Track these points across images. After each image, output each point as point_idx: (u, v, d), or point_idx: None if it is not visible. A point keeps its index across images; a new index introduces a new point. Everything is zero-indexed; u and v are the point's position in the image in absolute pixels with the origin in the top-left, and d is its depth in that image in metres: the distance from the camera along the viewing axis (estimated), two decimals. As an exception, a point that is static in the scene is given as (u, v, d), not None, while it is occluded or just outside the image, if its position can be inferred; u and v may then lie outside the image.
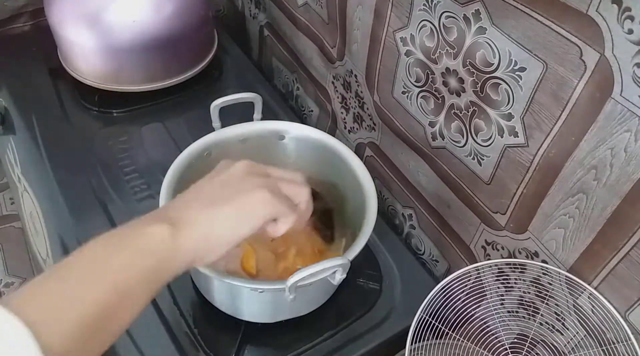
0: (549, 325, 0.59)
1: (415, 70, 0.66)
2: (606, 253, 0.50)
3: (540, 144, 0.53)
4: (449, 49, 0.59)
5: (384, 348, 0.68)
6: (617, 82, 0.43)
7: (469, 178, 0.64)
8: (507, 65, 0.52)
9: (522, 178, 0.57)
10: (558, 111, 0.49)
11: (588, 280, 0.53)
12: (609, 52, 0.43)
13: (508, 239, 0.62)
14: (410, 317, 0.58)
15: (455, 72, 0.60)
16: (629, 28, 0.41)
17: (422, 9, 0.61)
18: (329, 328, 0.68)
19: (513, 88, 0.53)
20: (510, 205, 0.60)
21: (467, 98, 0.59)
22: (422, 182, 0.75)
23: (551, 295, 0.58)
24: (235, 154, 0.75)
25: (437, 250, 0.78)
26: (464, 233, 0.70)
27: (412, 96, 0.69)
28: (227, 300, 0.65)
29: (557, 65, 0.48)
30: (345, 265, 0.56)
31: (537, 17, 0.47)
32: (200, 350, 0.64)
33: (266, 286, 0.57)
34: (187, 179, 0.68)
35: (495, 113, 0.56)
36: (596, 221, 0.50)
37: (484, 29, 0.53)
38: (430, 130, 0.68)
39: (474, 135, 0.61)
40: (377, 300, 0.72)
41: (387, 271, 0.75)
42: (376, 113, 0.80)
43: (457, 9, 0.56)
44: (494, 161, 0.59)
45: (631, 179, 0.45)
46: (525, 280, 0.60)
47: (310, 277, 0.54)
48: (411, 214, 0.81)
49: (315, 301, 0.67)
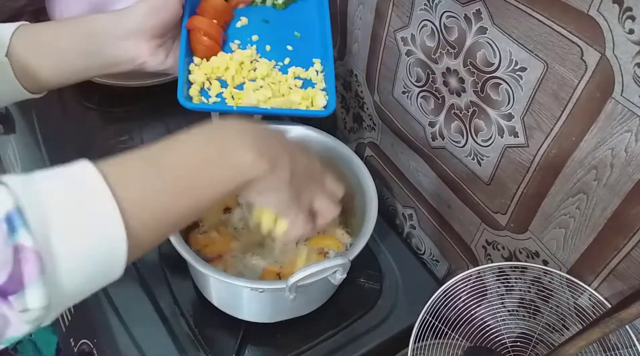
0: (550, 325, 0.59)
1: (416, 70, 0.66)
2: (607, 253, 0.50)
3: (540, 144, 0.53)
4: (450, 48, 0.59)
5: (385, 348, 0.68)
6: (617, 82, 0.43)
7: (469, 178, 0.64)
8: (507, 65, 0.52)
9: (523, 179, 0.57)
10: (558, 111, 0.49)
11: (589, 280, 0.53)
12: (610, 52, 0.43)
13: (509, 239, 0.62)
14: (411, 317, 0.58)
15: (455, 72, 0.60)
16: (630, 28, 0.41)
17: (423, 9, 0.61)
18: (329, 328, 0.68)
19: (513, 88, 0.53)
20: (511, 205, 0.60)
21: (468, 98, 0.59)
22: (422, 182, 0.75)
23: (552, 295, 0.58)
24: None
25: (437, 249, 0.78)
26: (464, 233, 0.70)
27: (412, 96, 0.69)
28: (227, 300, 0.65)
29: (557, 65, 0.48)
30: (346, 264, 0.56)
31: (538, 17, 0.47)
32: (200, 350, 0.64)
33: (266, 286, 0.57)
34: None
35: (495, 114, 0.56)
36: (597, 221, 0.50)
37: (484, 29, 0.53)
38: (430, 130, 0.68)
39: (474, 135, 0.61)
40: (377, 300, 0.72)
41: (387, 271, 0.75)
42: (376, 113, 0.80)
43: (458, 9, 0.56)
44: (494, 161, 0.59)
45: (632, 179, 0.45)
46: (525, 280, 0.60)
47: (311, 277, 0.54)
48: (411, 214, 0.81)
49: (316, 301, 0.67)
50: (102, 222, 0.33)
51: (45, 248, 0.30)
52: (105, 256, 0.34)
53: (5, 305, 0.29)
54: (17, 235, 0.29)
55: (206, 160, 0.41)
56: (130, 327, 0.65)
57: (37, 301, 0.30)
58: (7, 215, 0.29)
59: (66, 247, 0.31)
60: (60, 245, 0.31)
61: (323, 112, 0.62)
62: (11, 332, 0.31)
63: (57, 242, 0.31)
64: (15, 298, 0.29)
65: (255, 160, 0.42)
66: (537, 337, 0.59)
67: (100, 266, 0.34)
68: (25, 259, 0.29)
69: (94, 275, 0.34)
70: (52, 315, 0.33)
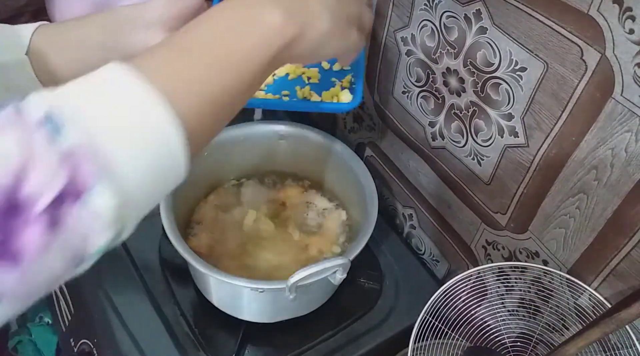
0: (550, 325, 0.59)
1: (416, 70, 0.66)
2: (607, 253, 0.50)
3: (540, 144, 0.53)
4: (450, 48, 0.59)
5: (385, 348, 0.68)
6: (617, 82, 0.43)
7: (469, 178, 0.64)
8: (507, 65, 0.52)
9: (523, 179, 0.57)
10: (558, 111, 0.49)
11: (589, 280, 0.53)
12: (610, 52, 0.43)
13: (509, 239, 0.62)
14: (411, 317, 0.58)
15: (455, 71, 0.60)
16: (630, 28, 0.41)
17: (423, 9, 0.61)
18: (329, 328, 0.68)
19: (513, 88, 0.53)
20: (511, 205, 0.60)
21: (468, 98, 0.59)
22: (422, 181, 0.75)
23: (552, 295, 0.58)
24: (235, 154, 0.75)
25: (437, 249, 0.78)
26: (464, 233, 0.70)
27: (412, 96, 0.69)
28: (227, 300, 0.65)
29: (557, 65, 0.48)
30: (346, 264, 0.56)
31: (538, 17, 0.47)
32: (200, 350, 0.64)
33: (266, 286, 0.57)
34: (187, 178, 0.68)
35: (495, 114, 0.56)
36: (597, 221, 0.50)
37: (484, 29, 0.53)
38: (430, 130, 0.68)
39: (474, 135, 0.61)
40: (377, 299, 0.72)
41: (387, 271, 0.75)
42: (376, 113, 0.80)
43: (458, 9, 0.56)
44: (494, 161, 0.59)
45: (632, 179, 0.45)
46: (525, 280, 0.60)
47: (311, 277, 0.54)
48: (411, 214, 0.81)
49: (316, 301, 0.67)
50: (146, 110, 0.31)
51: (97, 146, 0.28)
52: (161, 146, 0.31)
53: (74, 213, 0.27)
54: (62, 136, 0.27)
55: (231, 30, 0.38)
56: (130, 327, 0.65)
57: (107, 201, 0.28)
58: (46, 115, 0.27)
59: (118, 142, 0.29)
60: (111, 141, 0.29)
61: (346, 106, 0.60)
62: (93, 243, 0.29)
63: (107, 139, 0.29)
64: (82, 204, 0.27)
65: (285, 21, 0.38)
66: (537, 337, 0.59)
67: (160, 159, 0.31)
68: (80, 159, 0.27)
69: (157, 170, 0.31)
70: (130, 224, 0.31)
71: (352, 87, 0.62)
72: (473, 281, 0.59)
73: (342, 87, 0.62)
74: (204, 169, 0.72)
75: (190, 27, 0.37)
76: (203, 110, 0.35)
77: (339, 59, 0.49)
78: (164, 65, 0.34)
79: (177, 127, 0.31)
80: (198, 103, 0.34)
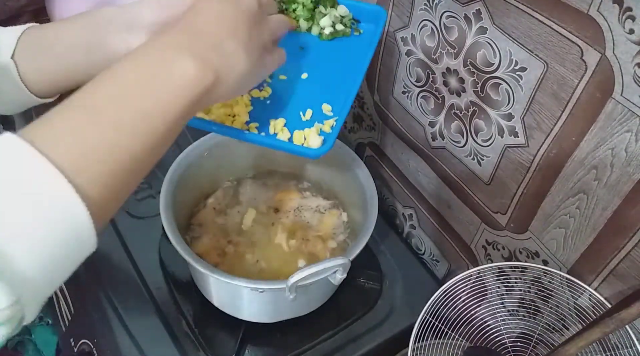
0: (550, 325, 0.59)
1: (416, 70, 0.66)
2: (607, 253, 0.50)
3: (540, 144, 0.53)
4: (450, 48, 0.59)
5: (385, 348, 0.68)
6: (617, 82, 0.43)
7: (469, 178, 0.64)
8: (507, 65, 0.52)
9: (523, 179, 0.57)
10: (558, 111, 0.49)
11: (589, 280, 0.53)
12: (610, 52, 0.43)
13: (509, 239, 0.62)
14: (411, 317, 0.58)
15: (455, 71, 0.60)
16: (630, 28, 0.41)
17: (423, 9, 0.61)
18: (329, 328, 0.68)
19: (513, 88, 0.53)
20: (511, 205, 0.60)
21: (468, 98, 0.59)
22: (422, 182, 0.75)
23: (552, 295, 0.58)
24: (234, 154, 0.75)
25: (437, 249, 0.78)
26: (464, 233, 0.70)
27: (412, 96, 0.69)
28: (227, 300, 0.65)
29: (557, 65, 0.48)
30: (346, 264, 0.56)
31: (538, 17, 0.47)
32: (200, 350, 0.64)
33: (266, 286, 0.57)
34: (187, 179, 0.68)
35: (495, 114, 0.56)
36: (597, 221, 0.50)
37: (484, 29, 0.53)
38: (430, 130, 0.68)
39: (474, 135, 0.61)
40: (377, 300, 0.72)
41: (387, 271, 0.75)
42: (376, 113, 0.80)
43: (458, 9, 0.56)
44: (494, 161, 0.59)
45: (632, 179, 0.45)
46: (525, 280, 0.60)
47: (311, 277, 0.54)
48: (411, 214, 0.81)
49: (316, 301, 0.67)
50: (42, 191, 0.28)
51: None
52: (62, 223, 0.29)
53: None
54: None
55: (142, 85, 0.35)
56: (130, 327, 0.65)
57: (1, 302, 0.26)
58: None
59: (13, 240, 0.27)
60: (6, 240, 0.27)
61: (313, 151, 0.51)
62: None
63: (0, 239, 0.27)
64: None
65: (199, 71, 0.36)
66: (537, 337, 0.59)
67: (63, 241, 0.29)
68: None
69: (61, 253, 0.30)
70: (31, 309, 0.29)
71: (329, 132, 0.52)
72: (473, 281, 0.59)
73: (320, 130, 0.51)
74: (204, 169, 0.72)
75: (100, 81, 0.35)
76: (110, 178, 0.32)
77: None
78: (66, 133, 0.31)
79: (79, 204, 0.29)
80: (104, 172, 0.32)
